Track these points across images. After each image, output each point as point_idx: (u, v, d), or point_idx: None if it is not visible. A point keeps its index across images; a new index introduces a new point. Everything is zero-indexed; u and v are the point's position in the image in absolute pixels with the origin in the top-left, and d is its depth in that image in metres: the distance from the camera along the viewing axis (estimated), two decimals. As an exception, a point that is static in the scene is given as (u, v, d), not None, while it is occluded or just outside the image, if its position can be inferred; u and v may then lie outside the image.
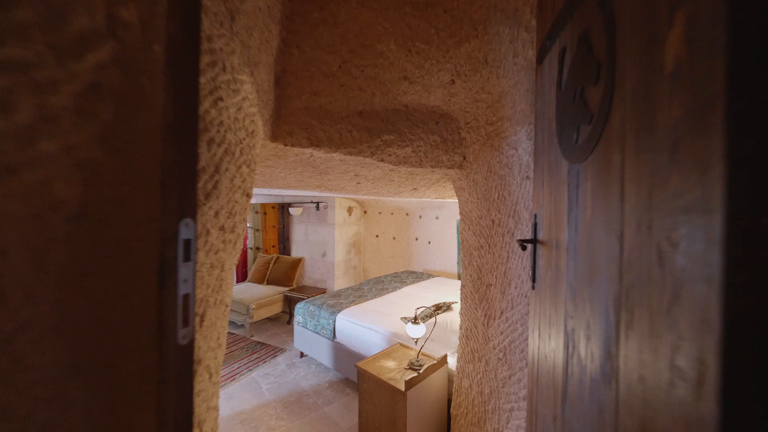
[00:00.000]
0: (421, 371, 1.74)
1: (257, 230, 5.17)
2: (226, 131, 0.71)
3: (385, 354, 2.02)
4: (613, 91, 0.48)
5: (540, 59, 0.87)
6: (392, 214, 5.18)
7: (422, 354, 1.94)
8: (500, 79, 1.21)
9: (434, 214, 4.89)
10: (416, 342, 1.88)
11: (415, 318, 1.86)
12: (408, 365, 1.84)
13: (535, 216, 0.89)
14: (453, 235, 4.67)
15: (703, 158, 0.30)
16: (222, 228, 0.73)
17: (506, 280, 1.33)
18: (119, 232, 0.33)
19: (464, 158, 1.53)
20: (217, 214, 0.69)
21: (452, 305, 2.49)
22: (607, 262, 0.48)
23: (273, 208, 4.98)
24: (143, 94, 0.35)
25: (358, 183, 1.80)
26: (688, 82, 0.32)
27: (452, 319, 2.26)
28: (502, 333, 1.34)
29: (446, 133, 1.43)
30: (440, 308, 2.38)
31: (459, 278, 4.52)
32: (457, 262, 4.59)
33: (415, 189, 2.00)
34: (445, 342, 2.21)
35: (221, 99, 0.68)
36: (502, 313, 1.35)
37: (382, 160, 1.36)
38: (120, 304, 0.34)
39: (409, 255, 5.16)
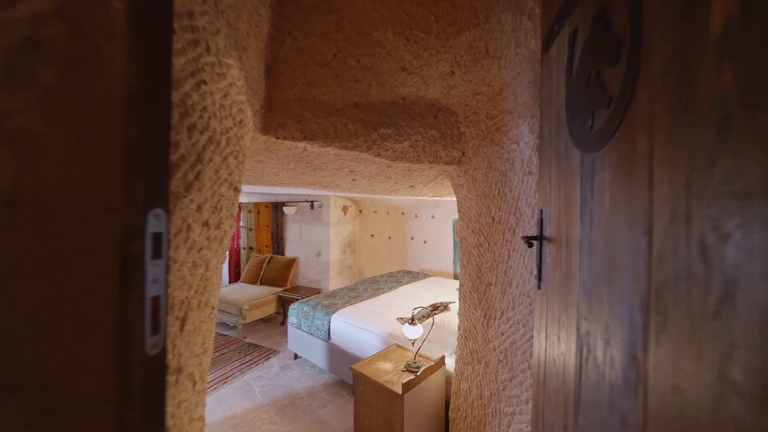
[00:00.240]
0: (418, 373, 1.69)
1: (250, 229, 5.08)
2: (210, 118, 0.65)
3: (381, 356, 1.97)
4: (638, 69, 0.43)
5: (546, 46, 0.83)
6: (388, 213, 5.13)
7: (419, 355, 1.89)
8: (501, 71, 1.17)
9: (430, 213, 4.86)
10: (413, 343, 1.83)
11: (412, 319, 1.81)
12: (405, 367, 1.79)
13: (541, 212, 0.85)
14: (449, 234, 4.64)
15: (764, 134, 0.26)
16: (206, 224, 0.67)
17: (507, 279, 1.29)
18: (68, 222, 0.28)
19: (463, 154, 1.49)
20: (200, 208, 0.63)
21: (449, 305, 2.45)
22: (630, 259, 0.44)
23: (266, 207, 4.90)
24: (99, 58, 0.29)
25: (354, 180, 1.75)
26: (743, 45, 0.28)
27: (450, 319, 2.22)
28: (502, 334, 1.30)
29: (445, 127, 1.39)
30: (437, 308, 2.33)
31: (455, 278, 4.49)
32: (453, 262, 4.56)
33: (412, 186, 1.95)
34: (442, 343, 2.17)
35: (204, 82, 0.62)
36: (502, 313, 1.31)
37: (378, 155, 1.31)
38: (69, 309, 0.28)
39: (405, 254, 5.12)
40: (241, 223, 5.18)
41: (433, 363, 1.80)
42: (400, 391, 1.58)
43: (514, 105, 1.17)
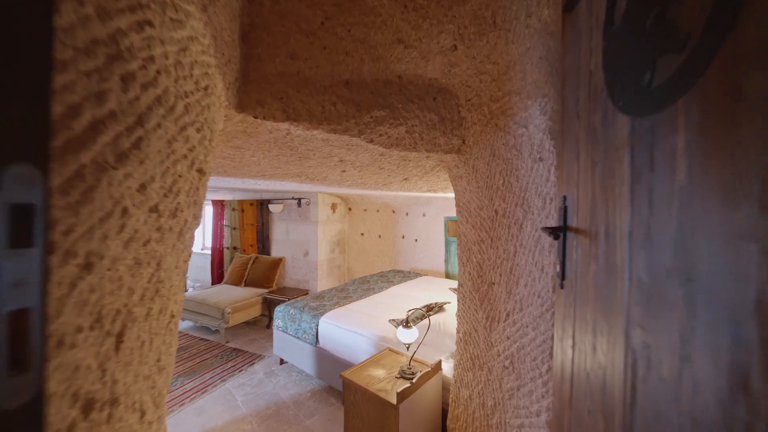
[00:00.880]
0: (414, 380, 1.56)
1: (234, 228, 4.86)
2: (159, 73, 0.50)
3: (373, 361, 1.84)
4: (746, -19, 0.31)
5: (570, 5, 0.71)
6: (378, 211, 5.00)
7: (414, 360, 1.77)
8: (509, 45, 1.05)
9: (421, 211, 4.75)
10: (408, 348, 1.71)
11: (407, 321, 1.68)
12: (399, 373, 1.66)
13: (564, 199, 0.73)
14: (440, 232, 4.54)
15: None
16: (155, 210, 0.52)
17: (513, 278, 1.17)
18: None
19: (463, 141, 1.37)
20: (143, 188, 0.48)
21: (444, 306, 2.34)
22: (733, 247, 0.32)
23: (251, 204, 4.69)
24: None
25: (344, 171, 1.61)
26: None
27: (445, 320, 2.10)
28: (508, 338, 1.18)
29: (444, 111, 1.27)
30: (432, 309, 2.21)
31: (447, 277, 4.39)
32: (445, 261, 4.47)
33: (406, 179, 1.83)
34: (437, 346, 2.05)
35: (150, 24, 0.48)
36: (508, 315, 1.19)
37: (371, 141, 1.18)
38: None
39: (396, 254, 5.00)
40: (224, 222, 4.95)
41: (430, 368, 1.68)
42: (394, 401, 1.45)
43: (522, 85, 1.06)
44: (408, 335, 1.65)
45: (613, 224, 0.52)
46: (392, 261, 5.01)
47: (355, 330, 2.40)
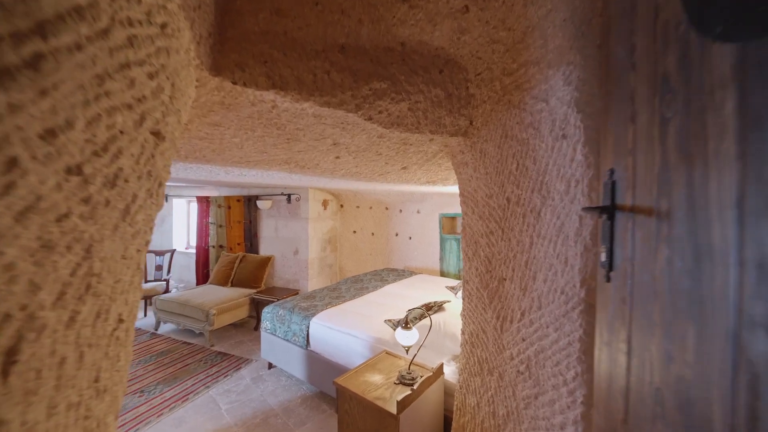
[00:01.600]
0: (415, 387, 1.43)
1: (220, 226, 4.64)
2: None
3: (369, 365, 1.70)
4: None
5: (619, -64, 0.58)
6: (371, 208, 4.85)
7: (414, 364, 1.64)
8: (528, 8, 0.92)
9: (415, 208, 4.63)
10: (407, 351, 1.57)
11: (406, 322, 1.55)
12: (398, 379, 1.52)
13: (611, 173, 0.61)
14: (435, 230, 4.43)
15: None
16: (76, 171, 0.37)
17: (529, 273, 1.05)
18: None
19: (471, 123, 1.24)
20: (52, 134, 0.33)
21: (444, 305, 2.21)
22: None
23: (238, 201, 4.48)
24: None
25: (337, 157, 1.46)
26: None
27: (446, 320, 1.98)
28: (523, 340, 1.06)
29: (452, 86, 1.13)
30: (431, 308, 2.09)
31: (442, 275, 4.28)
32: (440, 259, 4.36)
33: (404, 168, 1.69)
34: (438, 348, 1.92)
35: None
36: (522, 314, 1.07)
37: (369, 119, 1.04)
38: None
39: (389, 252, 4.86)
40: (210, 219, 4.72)
41: (431, 373, 1.55)
42: (394, 411, 1.31)
43: (542, 53, 0.93)
44: (407, 337, 1.52)
45: (704, 194, 0.39)
46: (386, 259, 4.88)
47: (348, 331, 2.25)
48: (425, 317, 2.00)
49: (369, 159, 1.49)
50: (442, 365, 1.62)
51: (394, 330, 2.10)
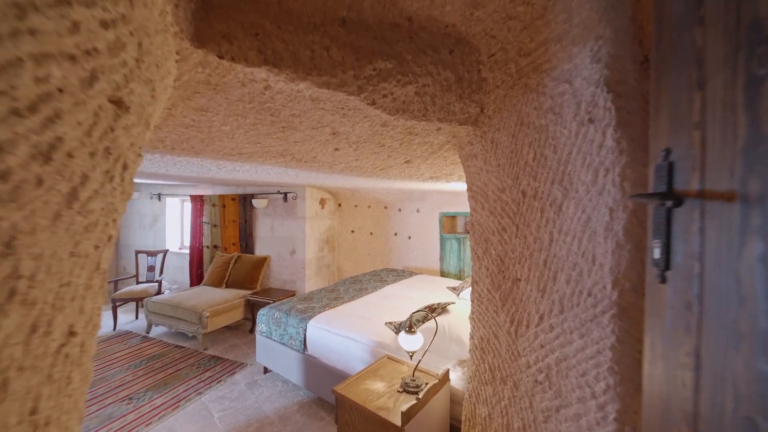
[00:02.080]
0: (420, 395, 1.33)
1: (215, 226, 4.52)
2: None
3: (370, 372, 1.60)
4: None
5: None
6: (369, 207, 4.75)
7: (418, 370, 1.54)
8: (550, -23, 0.83)
9: (415, 207, 4.54)
10: (411, 356, 1.47)
11: (410, 326, 1.45)
12: (401, 386, 1.43)
13: (666, 153, 0.51)
14: (435, 229, 4.34)
15: None
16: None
17: (548, 273, 0.95)
18: None
19: (482, 110, 1.15)
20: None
21: (448, 306, 2.12)
22: None
23: (233, 200, 4.36)
24: None
25: (336, 150, 1.36)
26: None
27: (450, 323, 1.88)
28: (542, 346, 0.96)
29: (463, 68, 1.04)
30: (435, 310, 1.99)
31: (442, 275, 4.19)
32: (440, 258, 4.26)
33: (407, 162, 1.60)
34: (443, 352, 1.83)
35: None
36: (541, 318, 0.97)
37: (373, 104, 0.94)
38: None
39: (388, 252, 4.77)
40: (204, 219, 4.60)
41: (437, 380, 1.45)
42: (398, 422, 1.21)
43: (565, 29, 0.84)
44: (412, 342, 1.42)
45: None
46: (384, 259, 4.78)
47: (347, 335, 2.15)
48: (429, 320, 1.90)
49: (370, 151, 1.39)
50: (447, 371, 1.52)
51: (396, 333, 2.01)
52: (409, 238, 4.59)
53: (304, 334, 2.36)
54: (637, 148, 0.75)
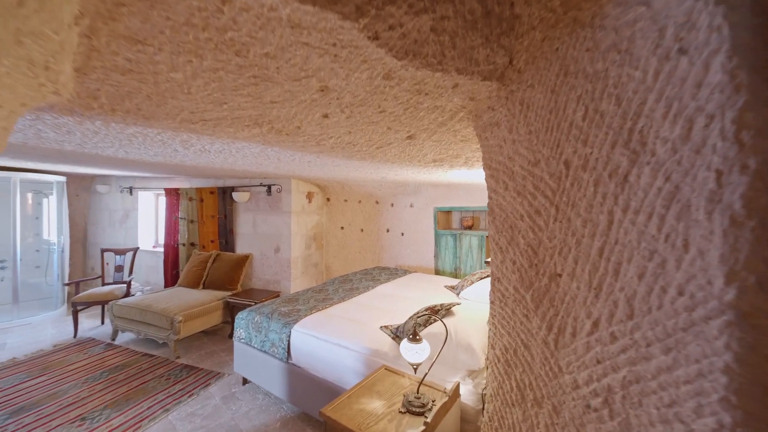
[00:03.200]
0: (429, 418, 1.09)
1: (191, 222, 4.16)
2: None
3: (366, 387, 1.34)
4: None
5: None
6: (360, 202, 4.49)
7: (424, 384, 1.29)
8: None
9: (408, 202, 4.30)
10: (416, 369, 1.23)
11: (414, 333, 1.21)
12: (404, 405, 1.18)
13: None
14: (430, 225, 4.12)
15: None
16: None
17: (606, 265, 0.72)
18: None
19: (510, 61, 0.91)
20: None
21: (452, 308, 1.89)
22: None
23: (211, 193, 4.02)
24: None
25: (326, 116, 1.10)
26: None
27: (456, 327, 1.65)
28: (599, 362, 0.73)
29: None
30: (438, 312, 1.76)
31: (437, 274, 3.97)
32: (435, 256, 4.04)
33: (410, 137, 1.35)
34: (449, 361, 1.59)
35: None
36: (596, 324, 0.74)
37: (375, 38, 0.69)
38: None
39: (379, 249, 4.52)
40: (179, 214, 4.23)
41: (448, 397, 1.21)
42: (403, 456, 0.97)
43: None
44: (416, 352, 1.18)
45: None
46: (376, 257, 4.53)
47: (337, 341, 1.89)
48: (432, 323, 1.67)
49: (367, 120, 1.14)
50: (458, 386, 1.29)
51: (393, 338, 1.76)
52: (402, 234, 4.35)
53: (288, 341, 2.09)
54: (763, 82, 0.53)
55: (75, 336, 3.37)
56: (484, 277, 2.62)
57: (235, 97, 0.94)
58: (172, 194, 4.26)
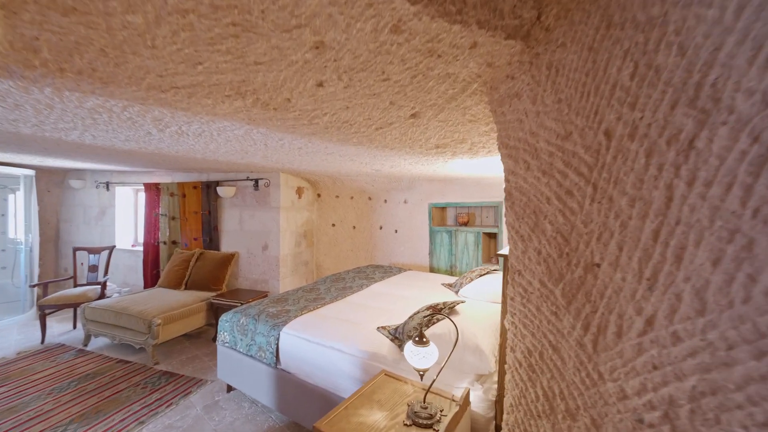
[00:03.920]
0: (439, 430, 0.95)
1: (173, 218, 3.93)
2: None
3: (365, 396, 1.20)
4: None
5: None
6: (352, 198, 4.33)
7: (431, 392, 1.16)
8: None
9: (402, 198, 4.17)
10: (422, 375, 1.09)
11: (420, 335, 1.07)
12: (409, 416, 1.04)
13: None
14: (425, 222, 3.99)
15: None
16: None
17: (661, 250, 0.60)
18: None
19: (538, 16, 0.78)
20: None
21: (456, 306, 1.76)
22: None
23: (194, 188, 3.79)
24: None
25: (320, 85, 0.95)
26: None
27: (462, 327, 1.52)
28: (656, 367, 0.60)
29: (526, -71, 0.67)
30: (440, 311, 1.62)
31: (431, 272, 3.85)
32: (429, 253, 3.92)
33: (414, 116, 1.21)
34: (455, 364, 1.44)
35: None
36: (650, 322, 0.61)
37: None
38: None
39: (372, 247, 4.37)
40: (160, 211, 3.99)
41: (458, 406, 1.08)
42: (413, 479, 0.82)
43: None
44: (424, 357, 1.04)
45: None
46: (368, 255, 4.38)
47: (331, 344, 1.74)
48: (434, 323, 1.53)
49: (368, 91, 0.99)
50: (468, 393, 1.15)
51: (392, 340, 1.62)
52: (396, 231, 4.21)
53: (277, 344, 1.92)
54: None
55: (42, 342, 3.10)
56: (484, 274, 2.51)
57: (211, 54, 0.78)
58: (152, 189, 4.01)
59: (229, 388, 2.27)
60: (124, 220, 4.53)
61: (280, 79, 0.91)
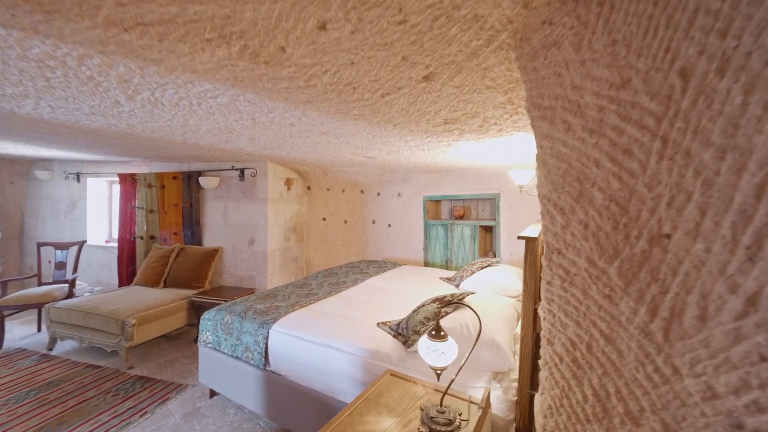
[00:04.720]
0: (462, 441, 0.81)
1: (151, 211, 3.66)
2: None
3: (371, 400, 1.05)
4: None
5: None
6: (343, 191, 4.16)
7: (438, 391, 1.01)
8: None
9: (395, 191, 4.03)
10: (438, 375, 0.95)
11: (437, 328, 0.92)
12: (425, 423, 0.89)
13: None
14: (419, 215, 3.87)
15: None
16: None
17: (765, 212, 0.47)
18: None
19: (596, -64, 0.64)
20: None
21: (465, 299, 1.62)
22: None
23: (174, 178, 3.54)
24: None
25: (322, 26, 0.78)
26: None
27: (474, 321, 1.38)
28: (764, 359, 0.48)
29: None
30: (449, 304, 1.49)
31: (426, 266, 3.72)
32: (424, 248, 3.80)
33: (427, 78, 1.07)
34: (470, 361, 1.30)
35: None
36: (752, 302, 0.49)
37: None
38: None
39: (364, 242, 4.21)
40: (136, 203, 3.71)
41: (480, 409, 0.94)
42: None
43: None
44: (442, 353, 0.89)
45: None
46: (361, 251, 4.22)
47: (327, 342, 1.57)
48: (443, 317, 1.40)
49: (379, 39, 0.83)
50: (489, 394, 1.02)
51: (394, 336, 1.48)
52: (389, 226, 4.07)
53: (266, 344, 1.74)
54: None
55: (0, 347, 2.80)
56: (486, 266, 2.39)
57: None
58: (128, 180, 3.72)
59: (212, 393, 2.07)
60: (97, 214, 4.21)
61: (273, 15, 0.74)
